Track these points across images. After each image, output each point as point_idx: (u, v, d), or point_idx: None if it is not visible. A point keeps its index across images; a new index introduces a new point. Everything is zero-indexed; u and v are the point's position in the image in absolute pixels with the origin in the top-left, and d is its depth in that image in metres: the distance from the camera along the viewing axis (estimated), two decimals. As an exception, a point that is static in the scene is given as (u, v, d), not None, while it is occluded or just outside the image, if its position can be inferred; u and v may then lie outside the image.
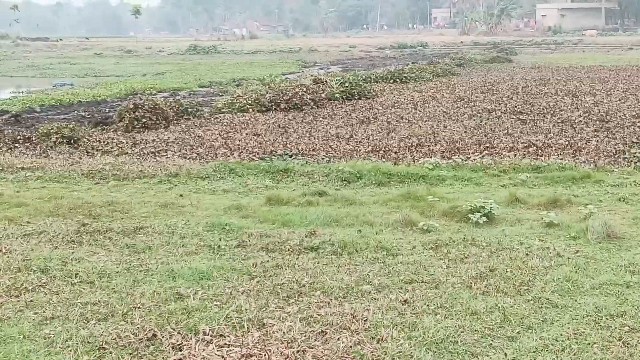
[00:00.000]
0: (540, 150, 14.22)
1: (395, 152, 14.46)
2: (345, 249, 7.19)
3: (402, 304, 5.63)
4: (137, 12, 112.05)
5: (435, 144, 15.15)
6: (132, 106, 18.81)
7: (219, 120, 20.10)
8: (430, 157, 13.58)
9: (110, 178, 12.06)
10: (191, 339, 4.93)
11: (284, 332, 5.05)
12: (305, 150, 14.94)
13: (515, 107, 21.17)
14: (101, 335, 5.02)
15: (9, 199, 9.99)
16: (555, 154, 13.84)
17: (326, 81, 27.84)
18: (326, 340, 4.96)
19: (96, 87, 34.64)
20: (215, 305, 5.60)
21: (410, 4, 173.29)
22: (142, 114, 18.45)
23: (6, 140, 16.25)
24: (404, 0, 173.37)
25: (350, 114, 20.61)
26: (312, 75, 33.50)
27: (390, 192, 10.67)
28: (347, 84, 25.60)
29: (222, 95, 28.42)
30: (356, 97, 24.52)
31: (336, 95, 24.36)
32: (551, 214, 8.44)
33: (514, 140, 15.45)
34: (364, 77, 30.33)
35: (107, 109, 24.38)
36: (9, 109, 23.88)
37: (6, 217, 8.80)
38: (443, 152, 14.32)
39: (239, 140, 16.20)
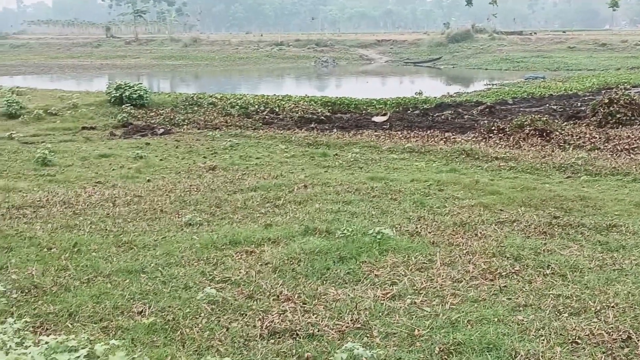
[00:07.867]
0: None
1: None
2: None
3: None
4: (615, 5, 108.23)
5: None
6: (606, 101, 18.30)
7: None
8: None
9: (582, 173, 11.91)
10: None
11: None
12: None
13: None
14: (574, 329, 4.98)
15: (483, 187, 10.47)
16: None
17: None
18: None
19: (568, 81, 34.45)
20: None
21: None
22: (617, 109, 17.84)
23: (481, 130, 17.11)
24: None
25: None
26: None
27: None
28: None
29: None
30: None
31: None
32: None
33: None
34: None
35: (579, 103, 24.08)
36: (483, 101, 25.05)
37: (481, 203, 9.25)
38: None
39: None
